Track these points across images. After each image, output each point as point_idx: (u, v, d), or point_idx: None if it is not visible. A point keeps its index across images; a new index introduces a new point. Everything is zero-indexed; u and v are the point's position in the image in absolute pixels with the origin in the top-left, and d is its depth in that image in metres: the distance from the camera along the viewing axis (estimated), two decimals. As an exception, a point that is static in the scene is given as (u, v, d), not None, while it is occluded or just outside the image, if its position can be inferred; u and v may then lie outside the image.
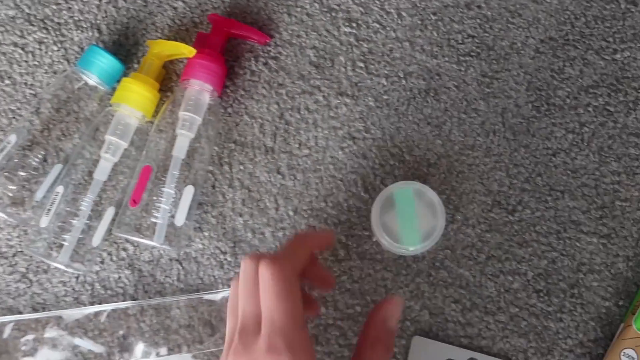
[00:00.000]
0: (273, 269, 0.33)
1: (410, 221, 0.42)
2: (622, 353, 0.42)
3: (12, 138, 0.46)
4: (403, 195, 0.42)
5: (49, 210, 0.45)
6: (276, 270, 0.34)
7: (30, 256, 0.47)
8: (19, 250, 0.47)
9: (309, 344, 0.33)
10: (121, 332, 0.45)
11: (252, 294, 0.34)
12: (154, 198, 0.45)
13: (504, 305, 0.44)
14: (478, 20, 0.49)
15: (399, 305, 0.37)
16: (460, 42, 0.49)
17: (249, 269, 0.35)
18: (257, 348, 0.32)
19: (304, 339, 0.33)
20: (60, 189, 0.45)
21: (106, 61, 0.48)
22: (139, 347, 0.45)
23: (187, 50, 0.47)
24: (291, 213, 0.47)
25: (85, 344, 0.45)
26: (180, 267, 0.47)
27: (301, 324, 0.33)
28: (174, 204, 0.45)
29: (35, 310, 0.46)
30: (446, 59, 0.49)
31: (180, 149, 0.46)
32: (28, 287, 0.47)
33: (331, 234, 0.42)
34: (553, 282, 0.45)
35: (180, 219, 0.45)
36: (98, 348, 0.45)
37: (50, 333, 0.46)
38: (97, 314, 0.46)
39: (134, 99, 0.47)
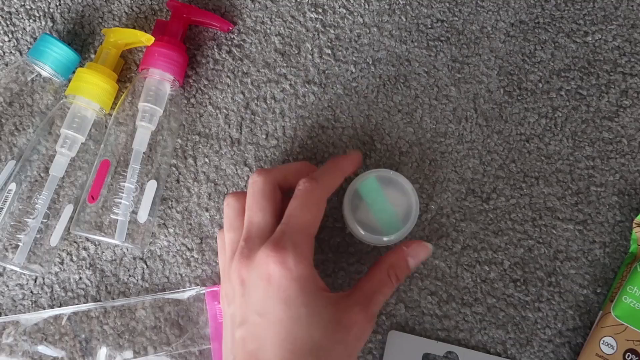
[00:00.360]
0: (314, 186, 0.37)
1: (384, 209, 0.40)
2: (602, 341, 0.41)
3: (-41, 134, 0.43)
4: (368, 186, 0.40)
5: (1, 209, 0.42)
6: (317, 188, 0.37)
7: (-17, 259, 0.44)
8: (-29, 253, 0.45)
9: (312, 252, 0.36)
10: (83, 336, 0.43)
11: (260, 207, 0.37)
12: (114, 194, 0.43)
13: (480, 296, 0.43)
14: (447, 4, 0.48)
15: (427, 250, 0.40)
16: (429, 26, 0.48)
17: (260, 182, 0.38)
18: (263, 248, 0.35)
19: (310, 248, 0.36)
20: (13, 186, 0.43)
21: (60, 51, 0.45)
22: (102, 351, 0.43)
23: (145, 38, 0.45)
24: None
25: (45, 349, 0.43)
26: (145, 266, 0.44)
27: (313, 234, 0.37)
28: (135, 199, 0.43)
29: (-11, 316, 0.44)
30: (415, 44, 0.48)
31: (140, 142, 0.44)
32: (-19, 292, 0.44)
33: (359, 155, 0.42)
34: (530, 270, 0.44)
35: (142, 215, 0.43)
36: (58, 353, 0.43)
37: (7, 339, 0.43)
38: (56, 318, 0.43)
39: (90, 90, 0.45)
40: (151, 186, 0.44)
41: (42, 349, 0.43)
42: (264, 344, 0.34)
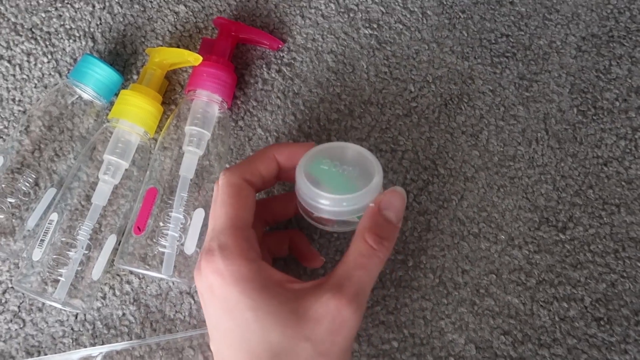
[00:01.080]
0: (222, 178, 0.34)
1: (342, 181, 0.34)
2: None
3: (-1, 160, 0.41)
4: (317, 165, 0.34)
5: (43, 240, 0.40)
6: (224, 178, 0.34)
7: (23, 293, 0.42)
8: (10, 286, 0.42)
9: (249, 247, 0.32)
10: None
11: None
12: (161, 224, 0.40)
13: (560, 337, 0.39)
14: (512, 18, 0.45)
15: (399, 195, 0.33)
16: (493, 41, 0.45)
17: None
18: (202, 258, 0.33)
19: (241, 240, 0.32)
20: (54, 216, 0.40)
21: (102, 72, 0.43)
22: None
23: (192, 58, 0.42)
24: (315, 236, 0.42)
25: None
26: (192, 301, 0.41)
27: (241, 226, 0.33)
28: (182, 229, 0.40)
29: (29, 354, 0.41)
30: (479, 60, 0.44)
31: (188, 168, 0.41)
32: (21, 328, 0.41)
33: (310, 145, 0.36)
34: (614, 308, 0.40)
35: (190, 247, 0.40)
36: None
37: None
38: (88, 358, 0.40)
39: (135, 114, 0.42)
40: (199, 215, 0.41)
41: None
42: (224, 356, 0.32)
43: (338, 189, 0.33)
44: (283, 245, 0.40)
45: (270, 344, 0.30)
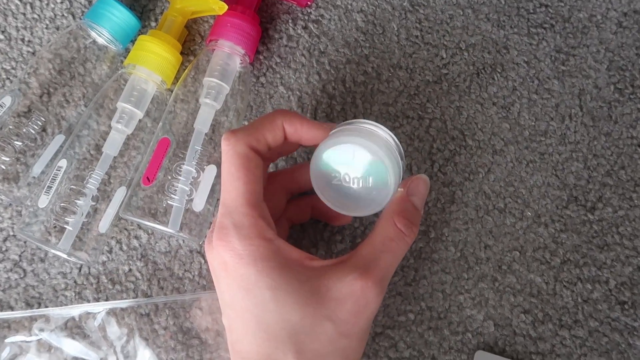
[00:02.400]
0: (227, 145, 0.32)
1: (359, 173, 0.32)
2: None
3: (6, 100, 0.39)
4: (337, 155, 0.32)
5: (50, 187, 0.38)
6: (230, 146, 0.32)
7: (25, 241, 0.40)
8: (11, 234, 0.40)
9: (265, 225, 0.31)
10: (123, 337, 0.38)
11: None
12: (170, 177, 0.38)
13: (581, 318, 0.38)
14: (552, -12, 0.43)
15: (425, 183, 0.33)
16: (531, 11, 0.43)
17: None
18: (215, 235, 0.31)
19: (256, 219, 0.30)
20: (63, 162, 0.38)
21: (120, 15, 0.40)
22: (145, 354, 0.38)
23: (217, 6, 0.40)
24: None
25: (78, 349, 0.38)
26: (202, 261, 0.40)
27: (254, 202, 0.31)
28: (193, 184, 0.38)
29: (29, 305, 0.39)
30: (515, 30, 0.42)
31: (203, 121, 0.39)
32: (21, 278, 0.39)
33: (324, 130, 0.33)
34: (639, 292, 0.39)
35: (199, 204, 0.38)
36: (93, 354, 0.38)
37: (37, 335, 0.38)
38: (92, 314, 0.39)
39: (153, 61, 0.40)
40: (211, 171, 0.39)
41: (74, 348, 0.38)
42: (239, 335, 0.31)
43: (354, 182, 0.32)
44: (305, 211, 0.38)
45: (290, 323, 0.29)
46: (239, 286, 0.30)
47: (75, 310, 0.39)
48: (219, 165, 0.39)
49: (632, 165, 0.40)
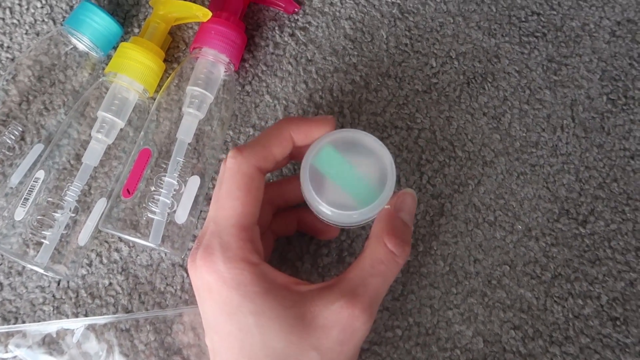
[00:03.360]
0: (232, 162, 0.30)
1: (352, 178, 0.30)
2: None
3: (-18, 109, 0.38)
4: (324, 158, 0.31)
5: (27, 199, 0.36)
6: (235, 164, 0.30)
7: (1, 255, 0.39)
8: (-13, 246, 0.39)
9: (253, 249, 0.29)
10: (103, 355, 0.37)
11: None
12: (152, 189, 0.37)
13: (572, 334, 0.37)
14: (544, -4, 0.42)
15: (411, 196, 0.32)
16: (523, 19, 0.42)
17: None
18: (199, 254, 0.30)
19: (245, 243, 0.29)
20: (41, 174, 0.37)
21: (101, 21, 0.39)
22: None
23: (201, 13, 0.39)
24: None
25: None
26: (185, 275, 0.39)
27: (247, 225, 0.30)
28: (175, 196, 0.37)
29: (5, 320, 0.38)
30: (506, 38, 0.42)
31: (186, 131, 0.38)
32: (-4, 292, 0.38)
33: (330, 121, 0.32)
34: (632, 308, 0.38)
35: (182, 216, 0.37)
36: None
37: (12, 351, 0.37)
38: (70, 330, 0.37)
39: (135, 69, 0.39)
40: (194, 183, 0.38)
41: None
42: (222, 358, 0.30)
43: (347, 187, 0.30)
44: (290, 224, 0.37)
45: (273, 351, 0.28)
46: (222, 310, 0.29)
47: (52, 326, 0.38)
48: (202, 176, 0.38)
49: (625, 177, 0.39)
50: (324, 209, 0.30)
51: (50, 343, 0.37)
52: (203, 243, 0.30)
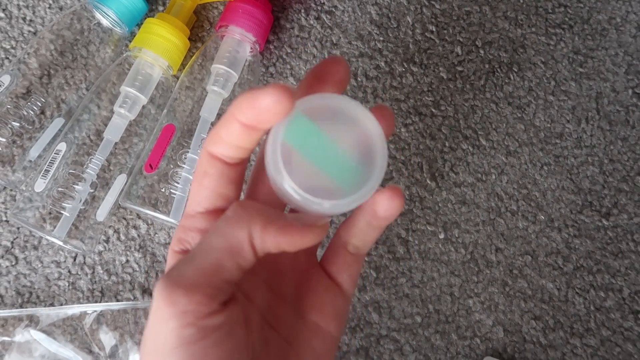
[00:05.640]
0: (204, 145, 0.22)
1: (330, 157, 0.22)
2: None
3: (5, 79, 0.37)
4: (297, 130, 0.22)
5: (47, 171, 0.36)
6: (205, 145, 0.22)
7: (18, 227, 0.38)
8: (4, 219, 0.38)
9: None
10: (115, 342, 0.36)
11: None
12: (174, 165, 0.36)
13: (594, 327, 0.37)
14: (571, -12, 0.42)
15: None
16: (550, 11, 0.42)
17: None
18: None
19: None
20: (62, 146, 0.37)
21: (127, -4, 0.39)
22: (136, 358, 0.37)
23: (228, -9, 0.39)
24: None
25: (65, 353, 0.36)
26: (204, 254, 0.38)
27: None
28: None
29: (19, 294, 0.37)
30: (533, 29, 0.41)
31: (210, 109, 0.38)
32: (12, 266, 0.38)
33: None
34: (654, 302, 0.38)
35: (203, 195, 0.37)
36: (82, 358, 0.36)
37: (21, 336, 0.37)
38: (82, 315, 0.37)
39: (160, 45, 0.38)
40: (215, 162, 0.38)
41: (62, 350, 0.36)
42: None
43: (324, 166, 0.22)
44: None
45: None
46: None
47: (65, 311, 0.37)
48: (224, 156, 0.38)
49: (649, 171, 0.39)
50: (305, 198, 0.21)
51: (63, 327, 0.37)
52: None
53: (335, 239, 0.25)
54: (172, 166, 0.36)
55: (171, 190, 0.36)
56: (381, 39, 0.41)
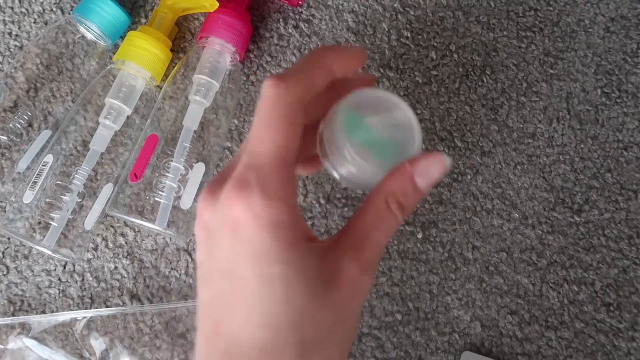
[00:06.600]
0: (274, 91, 0.26)
1: (375, 142, 0.28)
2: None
3: (-8, 94, 0.38)
4: (343, 121, 0.27)
5: (35, 182, 0.37)
6: (278, 93, 0.26)
7: (8, 238, 0.39)
8: (-6, 230, 0.40)
9: (291, 190, 0.26)
10: (105, 347, 0.37)
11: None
12: (158, 174, 0.38)
13: (567, 320, 0.38)
14: (541, -8, 0.43)
15: (441, 163, 0.27)
16: (521, 15, 0.43)
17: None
18: (226, 186, 0.25)
19: (285, 181, 0.26)
20: (49, 158, 0.38)
21: (110, 10, 0.40)
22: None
23: (208, 3, 0.40)
24: (322, 201, 0.40)
25: (57, 358, 0.37)
26: (190, 259, 0.39)
27: (288, 161, 0.26)
28: (181, 181, 0.38)
29: (11, 302, 0.38)
30: (505, 33, 0.43)
31: (192, 118, 0.39)
32: (4, 275, 0.39)
33: (361, 51, 0.29)
34: (625, 294, 0.39)
35: (187, 201, 0.38)
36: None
37: (13, 344, 0.38)
38: (73, 322, 0.38)
39: (142, 56, 0.40)
40: (199, 169, 0.39)
41: (53, 358, 0.38)
42: (229, 314, 0.26)
43: (377, 151, 0.28)
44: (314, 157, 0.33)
45: (294, 308, 0.25)
46: (245, 253, 0.25)
47: (56, 318, 0.38)
48: (207, 163, 0.39)
49: (618, 168, 0.41)
50: (353, 157, 0.27)
51: (54, 333, 0.38)
52: (234, 176, 0.26)
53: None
54: (156, 174, 0.37)
55: (156, 199, 0.37)
56: (358, 45, 0.42)
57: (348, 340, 0.28)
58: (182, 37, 0.43)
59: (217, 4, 0.40)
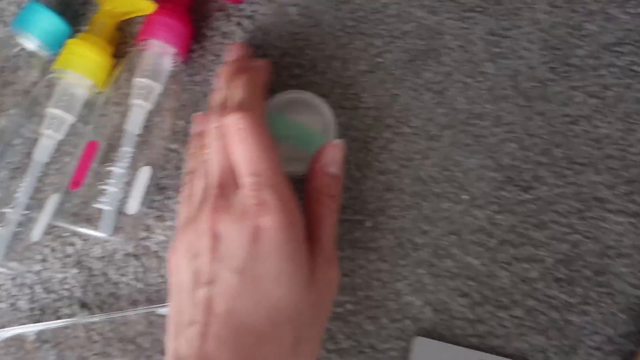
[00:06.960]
0: (250, 119, 0.32)
1: (296, 130, 0.38)
2: (654, 348, 0.36)
3: None
4: (274, 123, 0.35)
5: (-21, 199, 0.38)
6: (253, 119, 0.32)
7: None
8: (-52, 245, 0.40)
9: (296, 198, 0.32)
10: (54, 357, 0.38)
11: (224, 148, 0.32)
12: (100, 180, 0.38)
13: (519, 298, 0.38)
14: (483, -29, 0.43)
15: (338, 148, 0.35)
16: (463, -5, 0.43)
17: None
18: (244, 202, 0.30)
19: (291, 192, 0.32)
20: (-7, 172, 0.38)
21: (49, 20, 0.40)
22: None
23: (145, 6, 0.40)
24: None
25: None
26: (138, 264, 0.40)
27: (285, 175, 0.32)
28: (126, 187, 0.38)
29: (-32, 316, 0.39)
30: (448, 15, 0.42)
31: (134, 123, 0.39)
32: (-42, 290, 0.39)
33: (267, 64, 0.39)
34: (576, 269, 0.39)
35: (133, 205, 0.38)
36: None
37: None
38: (21, 337, 0.38)
39: (82, 64, 0.40)
40: (144, 173, 0.39)
41: None
42: (236, 306, 0.29)
43: (293, 138, 0.36)
44: None
45: (293, 304, 0.29)
46: (268, 253, 0.29)
47: (3, 335, 0.38)
48: (154, 167, 0.39)
49: (567, 143, 0.40)
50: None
51: (6, 349, 0.38)
52: (253, 200, 0.30)
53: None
54: (98, 182, 0.38)
55: (99, 206, 0.37)
56: (302, 37, 0.42)
57: (323, 330, 0.33)
58: (125, 42, 0.43)
59: (154, 6, 0.40)
